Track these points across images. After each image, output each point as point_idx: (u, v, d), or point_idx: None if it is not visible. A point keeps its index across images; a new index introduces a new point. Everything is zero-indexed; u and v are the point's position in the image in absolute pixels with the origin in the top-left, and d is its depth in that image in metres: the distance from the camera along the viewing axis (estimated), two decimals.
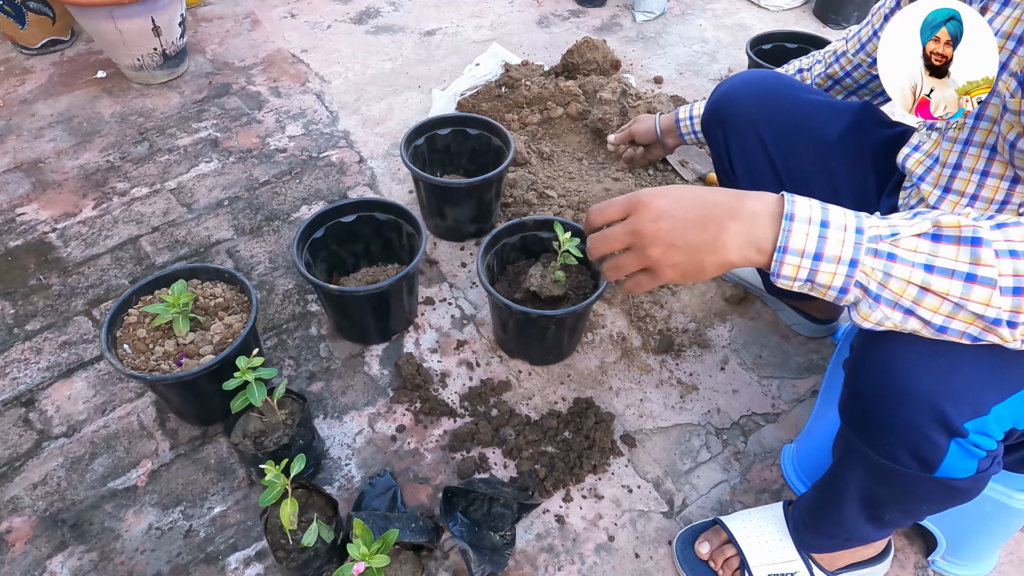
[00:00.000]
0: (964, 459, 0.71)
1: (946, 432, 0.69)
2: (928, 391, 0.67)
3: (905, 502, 0.81)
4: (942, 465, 0.71)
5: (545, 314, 1.21)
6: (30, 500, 1.18)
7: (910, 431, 0.70)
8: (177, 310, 1.17)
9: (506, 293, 1.38)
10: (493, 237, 1.36)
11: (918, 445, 0.71)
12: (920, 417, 0.68)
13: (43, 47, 2.21)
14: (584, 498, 1.18)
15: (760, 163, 1.12)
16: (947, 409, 0.67)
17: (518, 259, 1.46)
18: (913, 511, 0.84)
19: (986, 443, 0.70)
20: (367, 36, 2.36)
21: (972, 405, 0.67)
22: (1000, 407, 0.68)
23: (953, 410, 0.67)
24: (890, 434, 0.72)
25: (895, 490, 0.79)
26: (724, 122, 1.14)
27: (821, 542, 1.00)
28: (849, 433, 0.79)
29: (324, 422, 1.29)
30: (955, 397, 0.67)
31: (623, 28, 2.44)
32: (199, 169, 1.82)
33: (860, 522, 0.89)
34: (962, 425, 0.68)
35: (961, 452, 0.70)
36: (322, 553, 1.02)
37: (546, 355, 1.36)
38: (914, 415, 0.68)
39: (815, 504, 0.96)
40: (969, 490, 0.76)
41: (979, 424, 0.68)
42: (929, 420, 0.68)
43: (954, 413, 0.67)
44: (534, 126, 1.87)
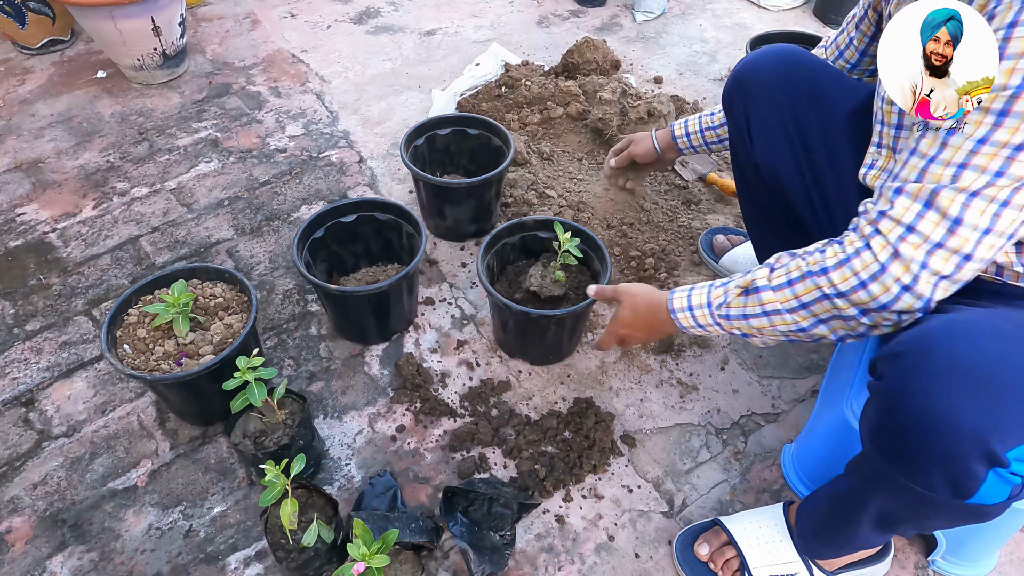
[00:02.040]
0: (1000, 486, 0.70)
1: (987, 462, 0.68)
2: (974, 423, 0.66)
3: (925, 521, 0.80)
4: (978, 493, 0.70)
5: (545, 314, 1.21)
6: (30, 500, 1.18)
7: (951, 462, 0.69)
8: (177, 310, 1.17)
9: (506, 293, 1.38)
10: (493, 237, 1.36)
11: (957, 475, 0.69)
12: (963, 449, 0.67)
13: (43, 47, 2.21)
14: (584, 498, 1.18)
15: (775, 129, 1.14)
16: (992, 441, 0.66)
17: (518, 259, 1.46)
18: (928, 527, 0.84)
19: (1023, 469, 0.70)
20: (367, 36, 2.36)
21: (1017, 435, 0.67)
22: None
23: (998, 442, 0.66)
24: (928, 464, 0.70)
25: (920, 512, 0.78)
26: (746, 90, 1.17)
27: (828, 552, 1.00)
28: (879, 459, 0.76)
29: (324, 422, 1.29)
30: (1001, 428, 0.66)
31: (623, 28, 2.44)
32: (199, 169, 1.82)
33: (872, 533, 0.89)
34: (1005, 455, 0.67)
35: (999, 480, 0.70)
36: (322, 553, 1.02)
37: (546, 355, 1.36)
38: (958, 447, 0.67)
39: (829, 520, 0.94)
40: (995, 514, 0.75)
41: (1021, 452, 0.68)
42: (972, 451, 0.67)
43: (999, 444, 0.66)
44: (534, 126, 1.87)
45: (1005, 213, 0.70)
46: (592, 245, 1.35)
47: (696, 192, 1.75)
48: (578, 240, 1.30)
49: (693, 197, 1.73)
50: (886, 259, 0.75)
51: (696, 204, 1.72)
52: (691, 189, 1.76)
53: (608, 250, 1.57)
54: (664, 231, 1.63)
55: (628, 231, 1.61)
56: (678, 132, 1.41)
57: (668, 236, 1.62)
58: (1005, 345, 0.68)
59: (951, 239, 0.72)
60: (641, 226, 1.63)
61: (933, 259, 0.73)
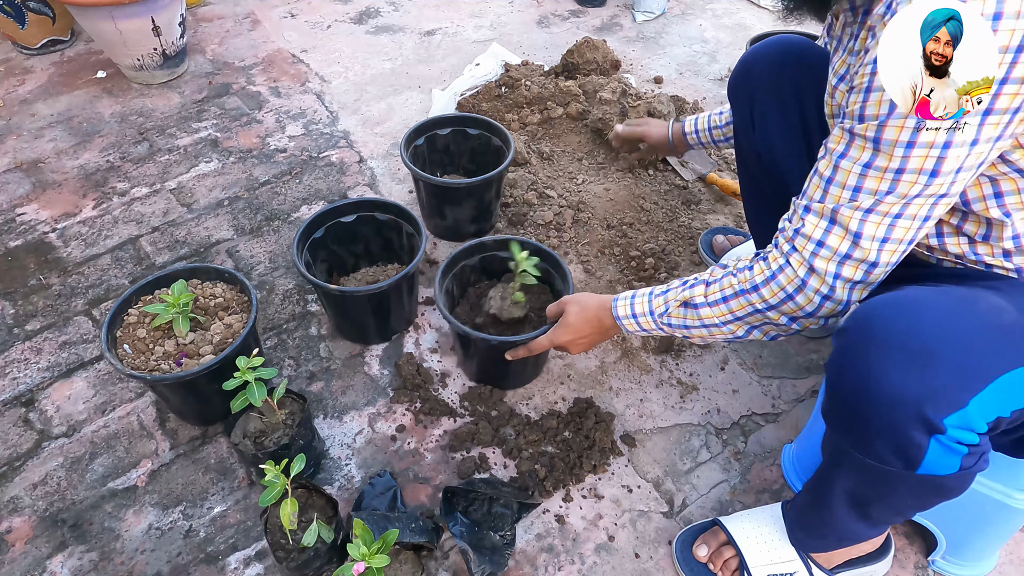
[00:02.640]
0: (945, 456, 0.72)
1: (926, 430, 0.70)
2: (906, 391, 0.69)
3: (891, 499, 0.82)
4: (924, 463, 0.73)
5: (506, 341, 1.17)
6: (30, 500, 1.18)
7: (892, 431, 0.72)
8: (177, 310, 1.17)
9: (467, 317, 1.35)
10: (451, 260, 1.32)
11: (899, 444, 0.72)
12: (899, 416, 0.71)
13: (43, 47, 2.21)
14: (584, 498, 1.18)
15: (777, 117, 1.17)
16: (926, 408, 0.69)
17: (479, 280, 1.42)
18: (900, 508, 0.85)
19: (968, 438, 0.71)
20: (367, 36, 2.36)
21: (949, 401, 0.69)
22: (978, 399, 0.69)
23: (932, 408, 0.69)
24: (873, 435, 0.74)
25: (881, 488, 0.81)
26: (751, 79, 1.19)
27: (816, 542, 1.00)
28: (833, 434, 0.81)
29: (324, 422, 1.29)
30: (933, 395, 0.69)
31: (623, 28, 2.44)
32: (199, 169, 1.82)
33: (850, 520, 0.89)
34: (942, 422, 0.69)
35: (942, 449, 0.72)
36: (322, 553, 1.02)
37: (513, 379, 1.32)
38: (894, 414, 0.71)
39: (807, 505, 0.96)
40: (955, 487, 0.77)
41: (960, 419, 0.70)
42: (908, 419, 0.70)
43: (932, 411, 0.69)
44: (534, 126, 1.87)
45: (899, 223, 0.77)
46: (553, 263, 1.32)
47: (696, 192, 1.75)
48: (537, 259, 1.26)
49: (693, 197, 1.73)
50: (804, 274, 0.84)
51: (696, 204, 1.72)
52: (691, 189, 1.76)
53: (608, 250, 1.58)
54: (664, 231, 1.63)
55: (628, 231, 1.61)
56: (688, 128, 1.52)
57: (668, 236, 1.62)
58: (940, 317, 0.71)
59: (856, 251, 0.80)
60: (641, 226, 1.63)
61: (844, 269, 0.81)
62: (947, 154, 0.71)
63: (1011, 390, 0.70)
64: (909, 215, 0.76)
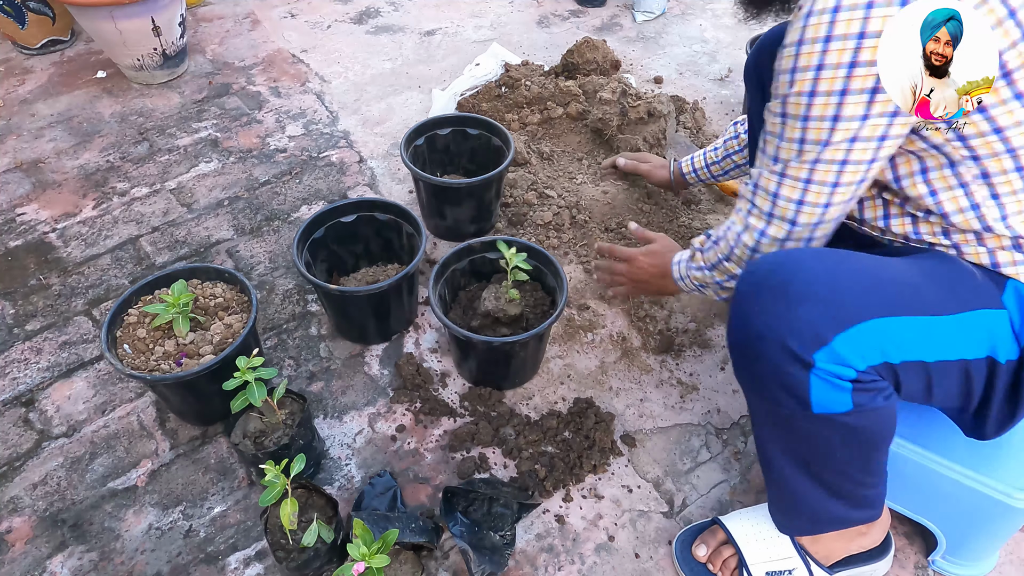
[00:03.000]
0: (832, 391, 0.78)
1: (799, 364, 0.77)
2: (772, 327, 0.78)
3: (822, 452, 0.86)
4: (813, 399, 0.79)
5: (507, 341, 1.18)
6: (30, 500, 1.18)
7: (773, 370, 0.79)
8: (177, 310, 1.17)
9: (461, 320, 1.35)
10: (442, 265, 1.32)
11: (783, 381, 0.79)
12: (771, 351, 0.78)
13: (43, 47, 2.21)
14: (584, 498, 1.18)
15: None
16: (790, 341, 0.76)
17: (469, 283, 1.42)
18: (839, 466, 0.87)
19: (844, 372, 0.76)
20: (367, 36, 2.36)
21: (813, 336, 0.76)
22: (844, 337, 0.75)
23: (796, 342, 0.76)
24: (761, 376, 0.82)
25: (797, 436, 0.86)
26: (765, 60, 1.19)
27: (794, 522, 1.00)
28: (744, 389, 0.89)
29: (324, 422, 1.29)
30: (796, 331, 0.76)
31: (623, 28, 2.44)
32: (199, 169, 1.82)
33: (805, 488, 0.91)
34: (811, 356, 0.76)
35: (823, 384, 0.77)
36: (322, 553, 1.02)
37: (512, 378, 1.32)
38: (768, 354, 0.79)
39: (767, 481, 0.99)
40: (863, 427, 0.81)
41: (828, 354, 0.76)
42: (779, 353, 0.78)
43: (798, 345, 0.76)
44: (534, 126, 1.87)
45: (812, 188, 0.84)
46: (543, 260, 1.32)
47: (696, 192, 1.75)
48: (525, 255, 1.26)
49: (693, 197, 1.73)
50: (741, 230, 0.94)
51: (696, 204, 1.72)
52: (691, 189, 1.76)
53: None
54: (664, 231, 1.63)
55: (628, 232, 1.61)
56: (686, 168, 1.56)
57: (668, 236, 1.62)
58: (816, 267, 0.78)
59: (776, 210, 0.88)
60: None
61: (770, 228, 0.90)
62: (837, 126, 0.78)
63: (886, 337, 0.76)
64: (819, 180, 0.83)
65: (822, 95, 0.77)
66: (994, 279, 0.83)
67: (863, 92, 0.76)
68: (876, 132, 0.78)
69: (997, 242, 0.84)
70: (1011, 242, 0.83)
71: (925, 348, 0.78)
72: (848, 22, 0.73)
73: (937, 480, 0.99)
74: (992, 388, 0.82)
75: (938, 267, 0.83)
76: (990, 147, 0.79)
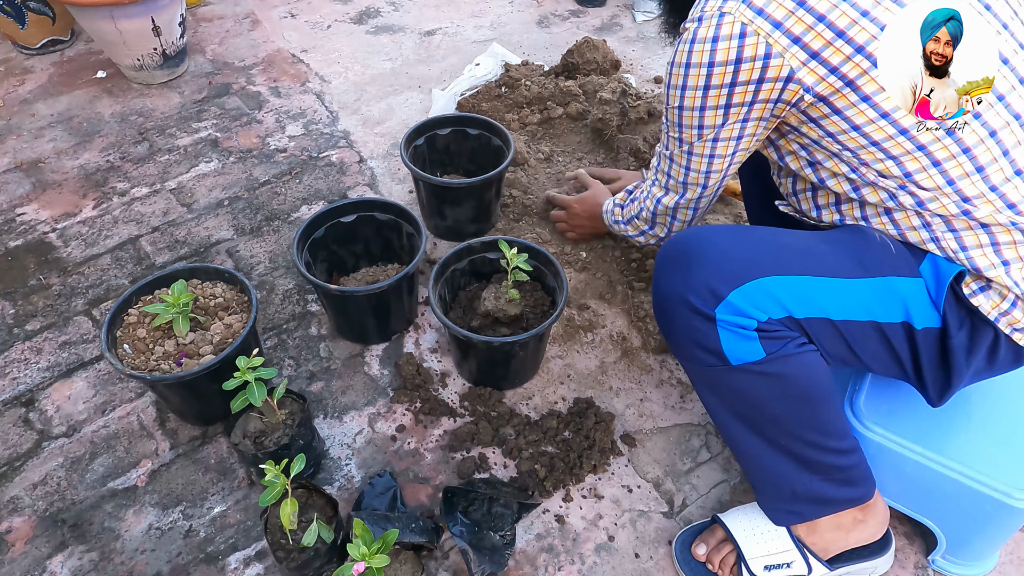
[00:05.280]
0: (741, 341, 0.85)
1: (704, 318, 0.85)
2: (677, 292, 0.87)
3: (760, 408, 0.90)
4: (726, 350, 0.86)
5: (507, 340, 1.18)
6: (30, 500, 1.18)
7: (685, 326, 0.87)
8: (177, 310, 1.17)
9: (461, 320, 1.35)
10: (442, 265, 1.31)
11: (696, 339, 0.87)
12: (681, 312, 0.87)
13: (43, 47, 2.21)
14: (584, 498, 1.18)
15: None
16: (690, 297, 0.85)
17: (469, 284, 1.42)
18: (784, 423, 0.91)
19: (746, 323, 0.83)
20: (367, 36, 2.36)
21: (710, 293, 0.84)
22: (739, 293, 0.83)
23: (696, 298, 0.85)
24: (679, 338, 0.90)
25: (732, 394, 0.91)
26: None
27: (782, 505, 1.00)
28: (678, 359, 0.95)
29: (324, 422, 1.29)
30: (694, 290, 0.85)
31: (623, 28, 2.44)
32: (199, 169, 1.82)
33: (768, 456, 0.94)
34: (712, 311, 0.84)
35: (730, 335, 0.85)
36: (322, 553, 1.02)
37: (513, 378, 1.33)
38: (678, 313, 0.87)
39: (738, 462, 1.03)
40: (786, 375, 0.86)
41: (727, 308, 0.83)
42: (688, 312, 0.86)
43: (698, 301, 0.85)
44: (534, 126, 1.87)
45: (693, 164, 1.02)
46: (543, 260, 1.32)
47: None
48: (526, 255, 1.26)
49: None
50: (647, 195, 1.17)
51: None
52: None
53: (609, 253, 1.58)
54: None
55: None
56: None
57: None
58: (715, 237, 0.88)
59: (669, 182, 1.09)
60: None
61: (665, 196, 1.12)
62: (705, 115, 0.93)
63: (782, 292, 0.83)
64: (698, 153, 1.00)
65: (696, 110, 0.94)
66: (913, 252, 0.88)
67: (719, 108, 0.91)
68: (738, 116, 0.92)
69: (908, 222, 0.88)
70: (919, 221, 0.88)
71: (827, 306, 0.85)
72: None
73: (937, 480, 0.99)
74: (918, 354, 0.87)
75: (848, 239, 0.90)
76: (855, 141, 0.85)
